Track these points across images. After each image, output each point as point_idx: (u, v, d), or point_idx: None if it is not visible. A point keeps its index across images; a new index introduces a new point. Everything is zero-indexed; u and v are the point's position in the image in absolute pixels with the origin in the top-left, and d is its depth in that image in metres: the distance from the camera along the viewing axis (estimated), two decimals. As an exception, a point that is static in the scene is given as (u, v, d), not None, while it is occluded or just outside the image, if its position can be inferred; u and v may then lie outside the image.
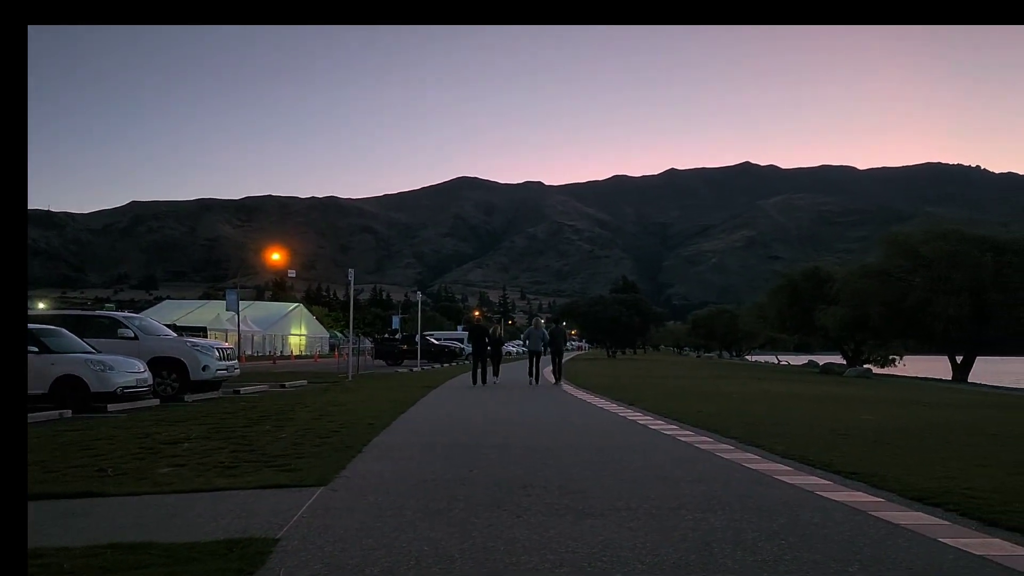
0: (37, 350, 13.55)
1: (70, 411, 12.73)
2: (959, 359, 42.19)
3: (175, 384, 16.89)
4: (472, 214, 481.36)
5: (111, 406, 13.57)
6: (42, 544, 4.32)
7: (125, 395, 14.26)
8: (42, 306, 50.55)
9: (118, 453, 8.14)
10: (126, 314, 22.43)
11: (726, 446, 8.97)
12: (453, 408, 14.64)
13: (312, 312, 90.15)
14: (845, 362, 49.92)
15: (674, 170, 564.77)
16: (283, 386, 21.09)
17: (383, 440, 9.39)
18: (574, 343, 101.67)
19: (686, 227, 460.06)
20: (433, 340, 50.08)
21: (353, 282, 27.84)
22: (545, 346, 24.01)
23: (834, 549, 4.50)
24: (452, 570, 4.06)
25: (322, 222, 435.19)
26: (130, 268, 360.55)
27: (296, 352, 73.75)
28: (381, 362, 43.69)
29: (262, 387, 20.31)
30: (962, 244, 39.19)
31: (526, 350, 24.62)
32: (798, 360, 69.54)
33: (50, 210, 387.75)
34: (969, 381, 38.59)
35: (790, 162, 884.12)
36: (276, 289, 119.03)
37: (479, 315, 62.41)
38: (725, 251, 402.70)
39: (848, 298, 42.94)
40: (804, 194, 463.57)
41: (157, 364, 16.49)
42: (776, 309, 55.07)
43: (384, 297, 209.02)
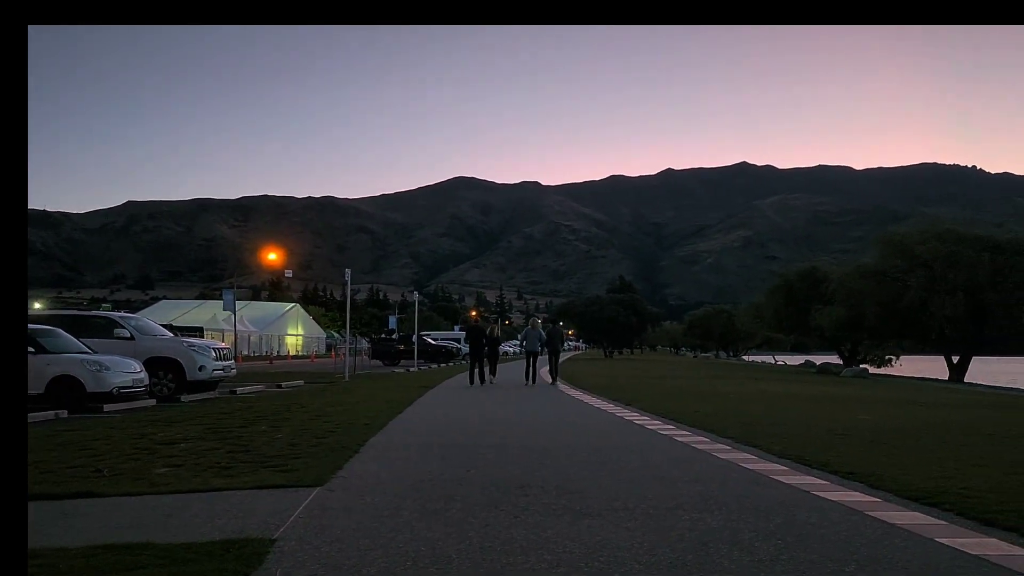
0: (33, 350, 13.51)
1: (66, 411, 12.69)
2: (955, 359, 42.28)
3: (171, 384, 16.87)
4: (469, 214, 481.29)
5: (107, 406, 13.54)
6: (39, 544, 4.30)
7: (121, 395, 14.25)
8: (38, 306, 50.42)
9: (114, 453, 8.12)
10: (122, 314, 22.36)
11: (723, 446, 8.98)
12: (450, 408, 14.64)
13: (309, 312, 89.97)
14: (842, 362, 50.02)
15: (671, 170, 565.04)
16: (280, 386, 21.05)
17: (380, 440, 9.39)
18: (571, 343, 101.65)
19: (683, 227, 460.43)
20: (430, 340, 50.04)
21: (350, 282, 27.83)
22: (542, 346, 24.05)
23: (831, 549, 4.50)
24: (449, 570, 4.06)
25: (319, 222, 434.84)
26: (126, 268, 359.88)
27: (293, 352, 73.66)
28: (378, 362, 43.63)
29: (259, 387, 20.28)
30: (959, 244, 39.24)
31: (523, 350, 24.62)
32: (795, 360, 69.61)
33: (46, 210, 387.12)
34: (965, 381, 38.68)
35: (786, 162, 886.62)
36: (273, 289, 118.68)
37: (476, 315, 62.41)
38: (722, 251, 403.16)
39: (844, 298, 43.01)
40: (800, 194, 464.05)
41: (153, 364, 16.48)
42: (773, 309, 55.17)
43: (381, 297, 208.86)
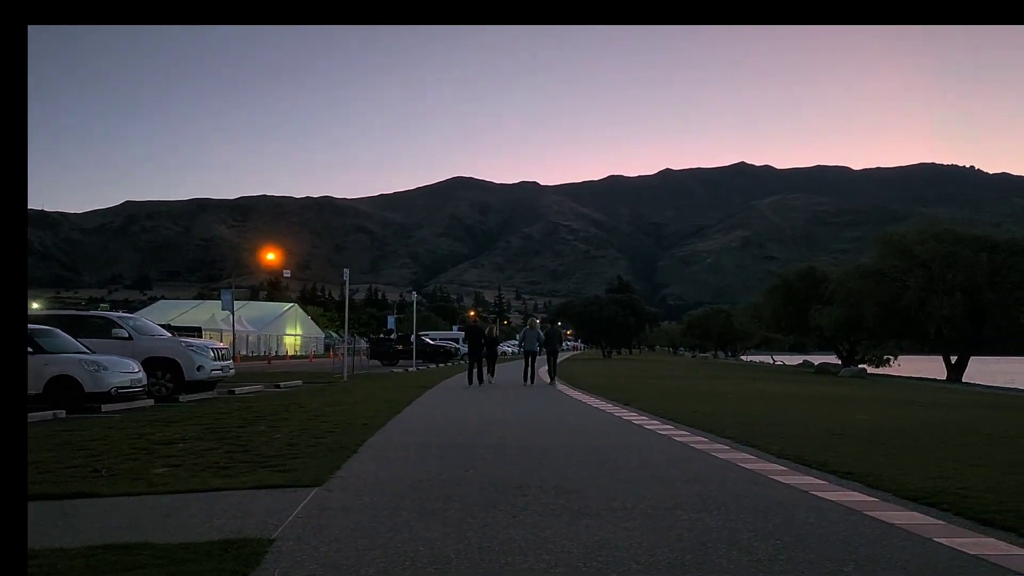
0: (31, 350, 13.48)
1: (64, 411, 12.68)
2: (953, 359, 42.31)
3: (169, 384, 16.85)
4: (468, 214, 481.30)
5: (105, 406, 13.52)
6: (37, 545, 4.29)
7: (119, 395, 14.23)
8: (36, 306, 50.37)
9: (112, 453, 8.11)
10: (120, 314, 22.33)
11: (721, 446, 8.98)
12: (449, 408, 14.63)
13: (307, 312, 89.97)
14: (840, 362, 50.04)
15: (669, 170, 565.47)
16: (278, 386, 21.04)
17: (378, 440, 9.38)
18: (569, 343, 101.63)
19: (681, 227, 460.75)
20: (428, 340, 50.02)
21: (348, 282, 27.80)
22: (541, 346, 24.06)
23: (829, 549, 4.50)
24: (448, 570, 4.06)
25: (317, 222, 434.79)
26: (124, 268, 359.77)
27: (291, 352, 73.65)
28: (376, 362, 43.62)
29: (257, 387, 20.27)
30: (957, 244, 39.26)
31: (521, 350, 24.62)
32: (793, 360, 69.65)
33: (44, 210, 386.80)
34: (963, 381, 38.71)
35: (785, 162, 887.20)
36: (271, 289, 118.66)
37: (474, 315, 62.41)
38: (720, 251, 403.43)
39: (843, 298, 43.04)
40: (799, 194, 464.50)
41: (151, 364, 16.45)
42: (771, 309, 55.19)
43: (379, 297, 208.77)
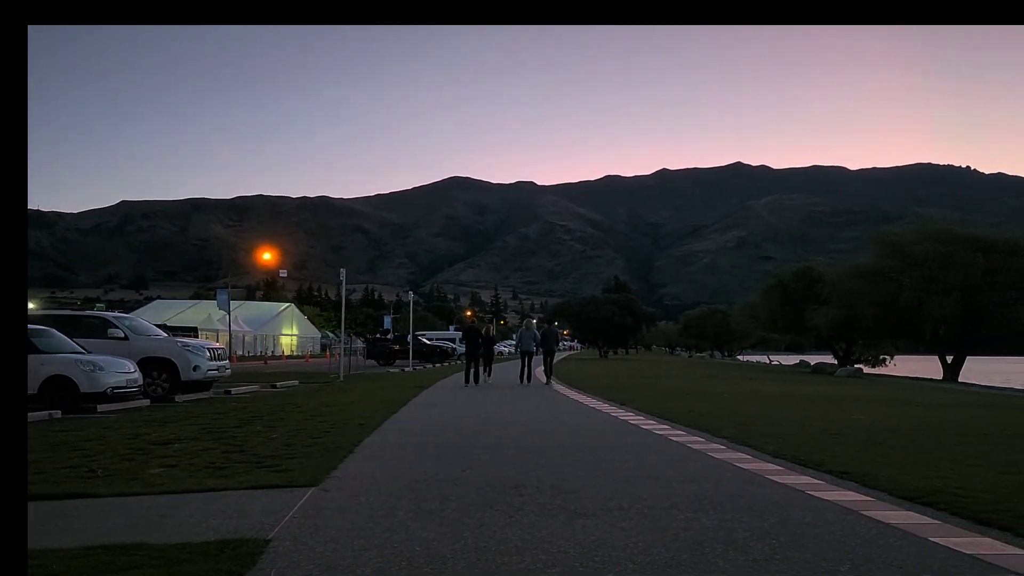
0: (26, 350, 13.48)
1: (60, 412, 12.66)
2: (949, 359, 42.41)
3: (165, 384, 16.84)
4: (464, 214, 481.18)
5: (101, 406, 13.51)
6: (33, 545, 4.27)
7: (115, 395, 14.20)
8: (31, 306, 50.15)
9: (108, 454, 8.10)
10: (116, 314, 22.29)
11: (718, 446, 8.99)
12: (445, 408, 14.62)
13: (303, 312, 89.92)
14: (836, 362, 50.11)
15: (666, 170, 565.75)
16: (274, 386, 21.03)
17: (375, 440, 9.37)
18: (566, 343, 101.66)
19: (678, 227, 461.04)
20: (425, 340, 50.04)
21: (345, 282, 27.76)
22: (537, 346, 24.05)
23: (825, 548, 4.51)
24: (444, 570, 4.06)
25: (313, 222, 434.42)
26: (120, 268, 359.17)
27: (287, 352, 73.55)
28: (373, 362, 43.60)
29: (253, 387, 20.25)
30: (953, 244, 39.35)
31: (518, 350, 24.62)
32: (789, 360, 69.77)
33: (40, 209, 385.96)
34: (959, 381, 38.80)
35: (781, 162, 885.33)
36: (267, 289, 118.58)
37: (471, 315, 62.40)
38: (717, 251, 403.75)
39: (839, 298, 43.10)
40: (795, 194, 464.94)
41: (147, 364, 16.44)
42: (767, 309, 55.24)
43: (376, 297, 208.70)
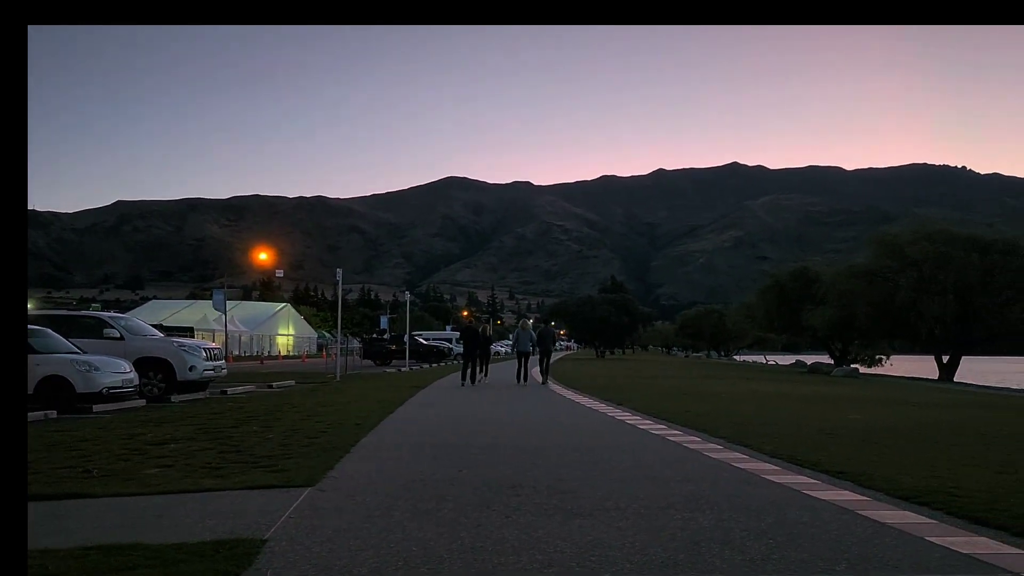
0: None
1: (55, 412, 12.63)
2: (945, 359, 42.48)
3: (161, 384, 16.81)
4: (461, 214, 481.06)
5: (97, 407, 13.46)
6: (29, 546, 4.25)
7: (111, 396, 14.18)
8: (27, 306, 50.13)
9: (104, 454, 8.08)
10: (112, 314, 22.27)
11: (715, 446, 9.00)
12: (442, 408, 14.62)
13: (300, 312, 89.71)
14: (833, 362, 50.19)
15: (662, 170, 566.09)
16: (271, 386, 21.00)
17: (371, 440, 9.36)
18: (563, 343, 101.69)
19: (674, 227, 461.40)
20: (421, 340, 50.01)
21: (341, 282, 27.77)
22: (533, 347, 24.08)
23: (821, 548, 4.51)
24: (441, 570, 4.05)
25: (310, 222, 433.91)
26: (116, 268, 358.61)
27: (284, 352, 73.43)
28: (369, 362, 43.59)
29: (249, 387, 20.21)
30: (949, 244, 39.43)
31: (514, 351, 24.64)
32: (786, 360, 69.83)
33: (35, 209, 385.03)
34: (955, 381, 38.88)
35: (778, 163, 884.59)
36: (264, 289, 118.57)
37: (468, 316, 62.39)
38: (713, 251, 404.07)
39: (835, 298, 43.18)
40: (792, 194, 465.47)
41: (143, 364, 16.41)
42: (764, 309, 55.34)
43: (372, 297, 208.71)
